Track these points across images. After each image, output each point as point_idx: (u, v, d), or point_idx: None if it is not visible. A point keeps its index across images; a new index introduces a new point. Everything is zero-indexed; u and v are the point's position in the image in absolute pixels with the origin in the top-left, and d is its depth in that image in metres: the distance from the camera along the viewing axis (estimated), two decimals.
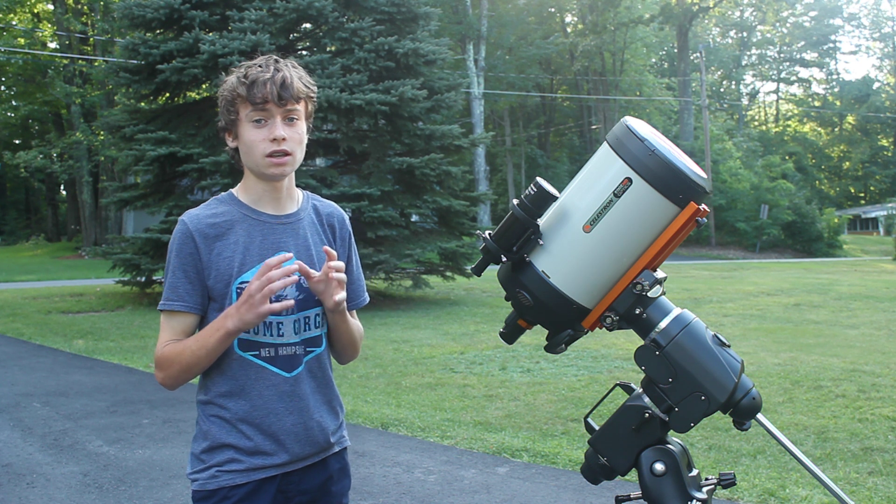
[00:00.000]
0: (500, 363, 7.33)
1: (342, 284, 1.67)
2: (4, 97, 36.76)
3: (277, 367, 1.71)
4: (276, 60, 1.70)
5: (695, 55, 42.47)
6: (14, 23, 30.86)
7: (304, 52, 13.18)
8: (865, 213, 57.39)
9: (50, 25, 31.61)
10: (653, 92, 42.27)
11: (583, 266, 1.42)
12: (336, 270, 1.65)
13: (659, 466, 1.40)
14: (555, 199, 1.42)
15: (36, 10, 32.45)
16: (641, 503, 1.42)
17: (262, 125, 1.67)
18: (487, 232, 1.46)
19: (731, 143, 41.36)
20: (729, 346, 1.41)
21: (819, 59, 63.88)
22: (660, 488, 1.39)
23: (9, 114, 36.19)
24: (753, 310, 11.44)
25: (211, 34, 11.92)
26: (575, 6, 42.33)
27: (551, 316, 1.45)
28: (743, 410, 1.39)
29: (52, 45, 31.97)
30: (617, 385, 1.57)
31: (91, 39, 29.48)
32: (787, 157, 48.72)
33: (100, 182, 28.90)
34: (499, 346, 8.22)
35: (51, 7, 31.90)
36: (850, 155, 60.12)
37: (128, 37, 13.51)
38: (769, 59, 63.71)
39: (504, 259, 1.45)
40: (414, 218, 13.74)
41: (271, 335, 1.70)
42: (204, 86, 13.04)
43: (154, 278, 12.72)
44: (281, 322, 1.70)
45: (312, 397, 1.75)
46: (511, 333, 1.55)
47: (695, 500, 1.39)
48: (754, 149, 44.67)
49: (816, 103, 63.97)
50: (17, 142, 38.28)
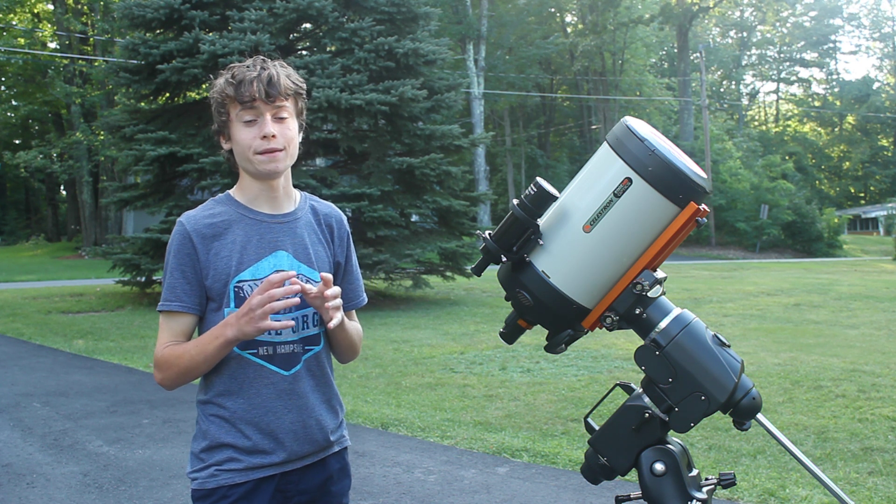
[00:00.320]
0: (500, 363, 7.33)
1: (339, 308, 1.68)
2: (4, 97, 36.72)
3: (276, 365, 1.71)
4: (264, 60, 1.71)
5: (695, 55, 42.46)
6: (14, 23, 30.86)
7: (304, 52, 13.18)
8: (865, 213, 57.38)
9: (50, 25, 31.63)
10: (653, 92, 42.23)
11: (583, 266, 1.42)
12: (332, 297, 1.64)
13: (659, 466, 1.40)
14: (555, 199, 1.42)
15: (36, 10, 32.45)
16: (641, 503, 1.42)
17: (253, 124, 1.68)
18: (487, 232, 1.46)
19: (731, 143, 41.35)
20: (729, 346, 1.41)
21: (819, 59, 63.87)
22: (660, 488, 1.39)
23: (9, 114, 36.15)
24: (753, 310, 11.43)
25: (211, 34, 11.92)
26: (575, 6, 42.33)
27: (551, 316, 1.45)
28: (743, 410, 1.39)
29: (52, 45, 31.99)
30: (617, 385, 1.57)
31: (91, 39, 29.48)
32: (787, 157, 48.68)
33: (100, 182, 28.88)
34: (499, 346, 8.22)
35: (51, 7, 31.90)
36: (850, 155, 60.09)
37: (128, 37, 13.52)
38: (769, 59, 63.70)
39: (504, 259, 1.45)
40: (414, 218, 13.73)
41: (269, 333, 1.70)
42: (204, 86, 13.04)
43: (154, 278, 12.71)
44: (279, 321, 1.70)
45: (311, 395, 1.76)
46: (511, 333, 1.55)
47: (695, 500, 1.39)
48: (754, 149, 44.66)
49: (816, 103, 63.95)
50: (17, 142, 38.24)
